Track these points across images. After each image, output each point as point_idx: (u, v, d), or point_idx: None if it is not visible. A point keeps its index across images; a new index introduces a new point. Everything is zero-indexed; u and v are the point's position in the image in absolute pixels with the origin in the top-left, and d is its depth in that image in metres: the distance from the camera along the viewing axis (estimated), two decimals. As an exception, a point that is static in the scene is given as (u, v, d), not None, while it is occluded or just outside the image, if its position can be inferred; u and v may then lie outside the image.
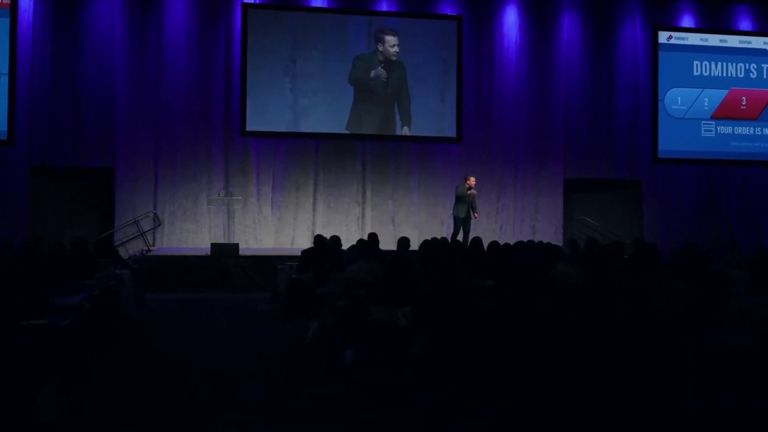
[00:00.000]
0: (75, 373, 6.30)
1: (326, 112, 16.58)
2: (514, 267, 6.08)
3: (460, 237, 14.79)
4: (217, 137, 16.07)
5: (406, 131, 16.78)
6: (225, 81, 16.15)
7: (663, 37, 18.06)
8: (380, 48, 16.76)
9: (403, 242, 8.78)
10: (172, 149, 15.81)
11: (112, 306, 7.98)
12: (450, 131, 17.14)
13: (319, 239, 9.83)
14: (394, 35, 16.82)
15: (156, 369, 7.17)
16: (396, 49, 16.82)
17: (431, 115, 17.07)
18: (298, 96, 16.46)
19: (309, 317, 7.88)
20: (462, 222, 14.84)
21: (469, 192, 14.73)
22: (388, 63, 16.79)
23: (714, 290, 4.18)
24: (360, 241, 9.71)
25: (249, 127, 16.16)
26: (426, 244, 8.97)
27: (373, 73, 16.52)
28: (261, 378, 6.83)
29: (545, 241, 17.33)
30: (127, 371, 7.06)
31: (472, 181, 14.89)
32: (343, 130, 16.67)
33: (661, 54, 18.01)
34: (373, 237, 9.31)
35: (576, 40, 17.70)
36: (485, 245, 9.92)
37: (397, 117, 16.83)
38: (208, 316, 10.66)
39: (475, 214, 15.10)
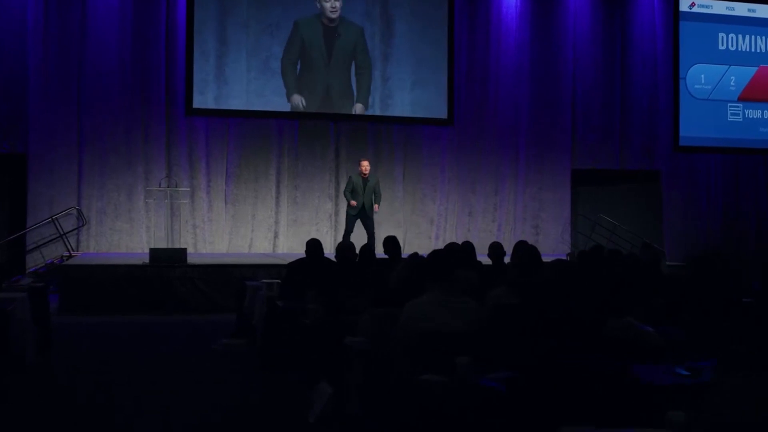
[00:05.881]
0: None
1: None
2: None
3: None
4: (157, 116, 13.59)
5: (360, 109, 14.07)
6: (167, 47, 13.65)
7: (684, 4, 15.65)
8: (320, 7, 14.00)
9: (531, 252, 5.07)
10: (100, 131, 13.37)
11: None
12: (440, 111, 14.40)
13: (314, 246, 6.73)
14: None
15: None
16: (335, 9, 13.93)
17: (417, 91, 14.37)
18: (257, 66, 13.82)
19: (313, 375, 4.87)
20: (356, 219, 11.97)
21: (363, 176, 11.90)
22: (329, 27, 13.96)
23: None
24: (384, 245, 6.73)
25: (196, 104, 13.66)
26: (588, 256, 5.95)
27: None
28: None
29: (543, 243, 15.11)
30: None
31: (365, 165, 12.06)
32: (312, 109, 14.04)
33: (683, 24, 15.65)
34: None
35: (585, 6, 15.20)
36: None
37: (354, 92, 14.10)
38: (145, 358, 7.57)
39: (376, 206, 12.12)
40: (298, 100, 13.81)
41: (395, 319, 3.97)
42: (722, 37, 15.78)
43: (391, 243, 7.21)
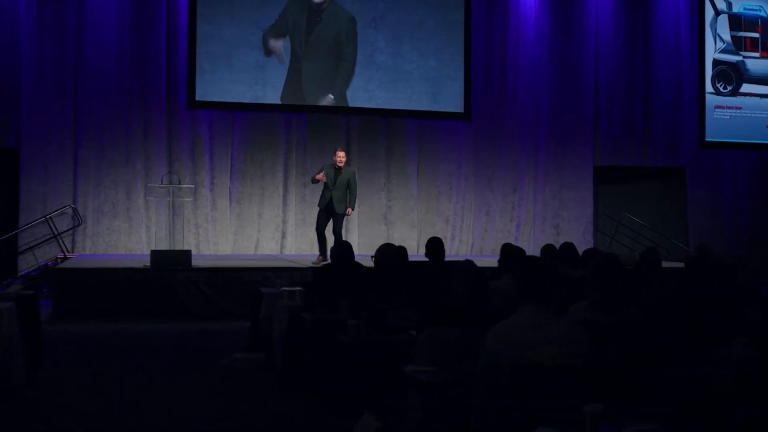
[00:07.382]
0: None
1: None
2: None
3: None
4: (158, 109, 13.04)
5: (329, 101, 13.38)
6: (168, 37, 13.13)
7: (710, -7, 14.99)
8: None
9: (609, 259, 4.05)
10: (97, 125, 12.92)
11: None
12: (456, 105, 13.75)
13: (343, 250, 5.90)
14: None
15: None
16: None
17: (432, 84, 13.75)
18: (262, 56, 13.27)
19: (352, 403, 4.11)
20: (327, 216, 10.75)
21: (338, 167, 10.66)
22: (314, 11, 13.34)
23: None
24: (427, 247, 5.96)
25: (199, 97, 13.10)
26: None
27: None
28: None
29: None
30: None
31: (341, 156, 10.84)
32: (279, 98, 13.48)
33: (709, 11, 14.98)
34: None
35: (608, -7, 14.60)
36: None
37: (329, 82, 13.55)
38: (147, 372, 6.79)
39: (349, 209, 10.78)
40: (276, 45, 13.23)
41: (463, 341, 3.24)
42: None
43: (434, 245, 6.40)
